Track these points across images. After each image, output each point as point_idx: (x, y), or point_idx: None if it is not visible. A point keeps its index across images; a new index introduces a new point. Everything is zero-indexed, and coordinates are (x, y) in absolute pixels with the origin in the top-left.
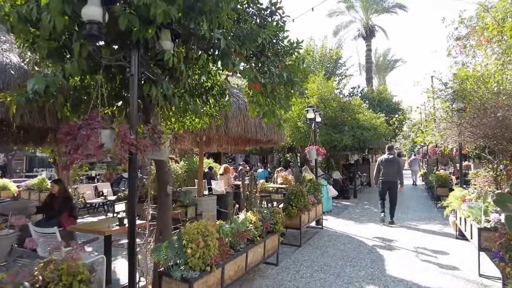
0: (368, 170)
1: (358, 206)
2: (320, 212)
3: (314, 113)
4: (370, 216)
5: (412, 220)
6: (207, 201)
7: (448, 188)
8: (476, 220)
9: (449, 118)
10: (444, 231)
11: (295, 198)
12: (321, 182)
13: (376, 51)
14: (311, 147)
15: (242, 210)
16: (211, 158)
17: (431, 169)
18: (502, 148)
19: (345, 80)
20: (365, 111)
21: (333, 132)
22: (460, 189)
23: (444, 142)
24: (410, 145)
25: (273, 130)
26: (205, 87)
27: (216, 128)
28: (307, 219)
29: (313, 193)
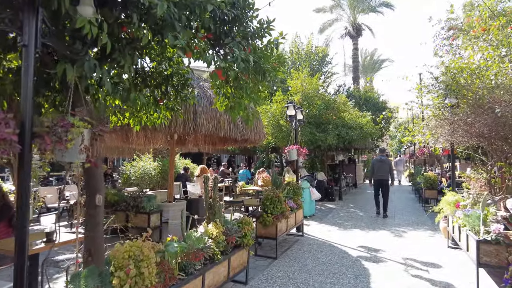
0: (354, 171)
1: (343, 209)
2: (301, 218)
3: (294, 109)
4: (355, 220)
5: (400, 225)
6: (174, 206)
7: (437, 190)
8: (474, 231)
9: (441, 115)
10: (434, 239)
11: (271, 204)
12: (303, 184)
13: (362, 51)
14: (292, 146)
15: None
16: (188, 158)
17: (419, 170)
18: (496, 148)
19: (330, 79)
20: (350, 109)
21: (317, 131)
22: (452, 194)
23: (435, 141)
24: (396, 145)
25: (250, 128)
26: (165, 76)
27: (183, 125)
28: (285, 227)
29: (293, 198)
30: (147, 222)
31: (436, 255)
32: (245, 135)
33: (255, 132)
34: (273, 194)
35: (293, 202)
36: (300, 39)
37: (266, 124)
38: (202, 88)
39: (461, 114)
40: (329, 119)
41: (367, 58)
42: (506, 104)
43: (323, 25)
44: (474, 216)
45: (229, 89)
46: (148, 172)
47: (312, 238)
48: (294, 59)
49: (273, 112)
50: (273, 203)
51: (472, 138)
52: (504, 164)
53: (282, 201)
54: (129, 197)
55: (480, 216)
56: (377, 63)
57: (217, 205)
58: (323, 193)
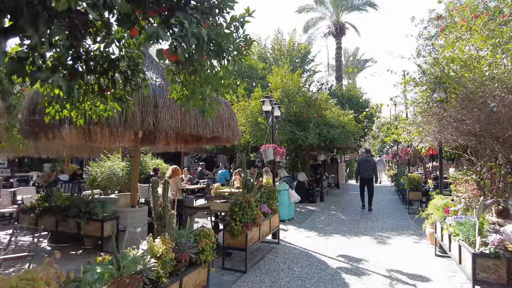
0: (336, 171)
1: (324, 212)
2: (276, 225)
3: (271, 105)
4: (336, 224)
5: (384, 230)
6: (134, 212)
7: (421, 191)
8: (468, 241)
9: (429, 110)
10: (420, 246)
11: (240, 211)
12: (281, 186)
13: (346, 51)
14: (268, 145)
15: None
16: (159, 158)
17: (402, 171)
18: (486, 147)
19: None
20: (332, 107)
21: (298, 130)
22: (440, 197)
23: (422, 140)
24: (379, 145)
25: (222, 125)
26: (112, 60)
27: (141, 120)
28: (257, 236)
29: (267, 202)
30: (100, 230)
31: (424, 265)
32: (216, 133)
33: (227, 129)
34: (242, 199)
35: (267, 207)
36: (283, 35)
37: (244, 122)
38: (165, 79)
39: (450, 110)
40: (310, 117)
41: (350, 58)
42: (501, 98)
43: (306, 23)
44: (469, 224)
45: (185, 74)
46: (115, 173)
47: (288, 246)
48: (276, 55)
49: (251, 110)
50: (243, 209)
51: (461, 136)
52: (494, 165)
53: (253, 206)
54: (81, 201)
55: (475, 224)
56: (360, 62)
57: (167, 215)
58: (304, 195)
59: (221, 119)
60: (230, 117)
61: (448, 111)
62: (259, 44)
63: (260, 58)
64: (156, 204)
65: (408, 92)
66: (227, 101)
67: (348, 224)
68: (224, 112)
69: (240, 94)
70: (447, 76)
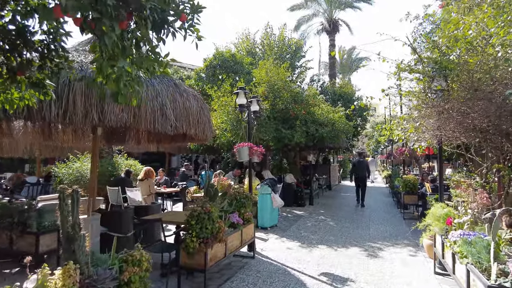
0: (328, 172)
1: (312, 217)
2: (251, 236)
3: (246, 97)
4: (323, 232)
5: (375, 239)
6: (84, 223)
7: (417, 195)
8: (480, 267)
9: (427, 100)
10: (417, 259)
11: (197, 224)
12: (263, 190)
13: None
14: (242, 144)
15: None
16: (133, 159)
17: (396, 172)
18: (495, 146)
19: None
20: (321, 103)
21: (284, 128)
22: (441, 205)
23: (418, 137)
24: (374, 145)
25: (188, 121)
26: (26, 35)
27: (84, 114)
28: (221, 252)
29: (239, 211)
30: (34, 245)
31: (422, 287)
32: (179, 129)
33: (196, 126)
34: (200, 209)
35: (238, 216)
36: (273, 30)
37: (225, 119)
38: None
39: (453, 101)
40: (297, 114)
41: (345, 56)
42: None
43: (298, 22)
44: (480, 245)
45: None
46: (84, 175)
47: (264, 262)
48: (266, 51)
49: (233, 106)
50: (201, 222)
51: (465, 133)
52: (503, 167)
53: (214, 218)
54: (15, 209)
55: (489, 245)
56: (355, 61)
57: (78, 236)
58: (292, 198)
59: (187, 113)
60: (200, 111)
61: (450, 103)
62: (248, 39)
63: (249, 54)
64: (65, 222)
65: (403, 81)
66: (196, 93)
67: (337, 231)
68: (192, 106)
69: (226, 90)
70: (449, 60)
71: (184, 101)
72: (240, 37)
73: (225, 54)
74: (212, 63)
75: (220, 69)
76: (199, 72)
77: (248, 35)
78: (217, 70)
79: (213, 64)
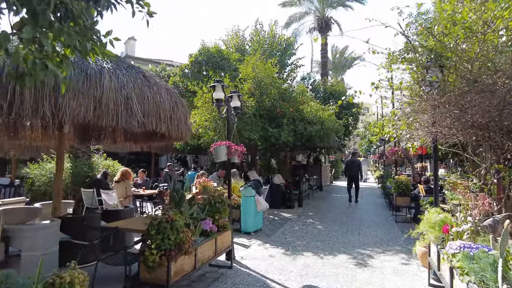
0: (319, 172)
1: (300, 220)
2: (227, 245)
3: (223, 91)
4: (310, 237)
5: (365, 245)
6: (38, 230)
7: (410, 196)
8: (484, 287)
9: (421, 93)
10: (410, 268)
11: (158, 235)
12: (247, 192)
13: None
14: (220, 143)
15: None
16: (110, 159)
17: (388, 172)
18: (495, 144)
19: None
20: (310, 100)
21: (270, 126)
22: (436, 211)
23: (412, 134)
24: (366, 145)
25: (159, 117)
26: None
27: (34, 107)
28: (190, 265)
29: (213, 217)
30: None
31: None
32: (148, 126)
33: (169, 123)
34: (162, 217)
35: (212, 223)
36: (263, 26)
37: (209, 117)
38: (77, 56)
39: (450, 94)
40: (284, 112)
41: (338, 56)
42: None
43: (289, 19)
44: (486, 262)
45: None
46: None
47: (243, 272)
48: (255, 48)
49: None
50: (162, 231)
51: (463, 130)
52: (503, 167)
53: (179, 227)
54: None
55: (497, 263)
56: (348, 61)
57: None
58: (280, 199)
59: (157, 108)
60: (174, 107)
61: (446, 96)
62: (237, 36)
63: (238, 51)
64: None
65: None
66: (169, 86)
67: (325, 236)
68: (164, 100)
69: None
70: (445, 47)
71: (154, 95)
72: (230, 34)
73: (211, 49)
74: (198, 58)
75: (206, 65)
76: (184, 68)
77: (237, 32)
78: (203, 66)
79: (199, 60)
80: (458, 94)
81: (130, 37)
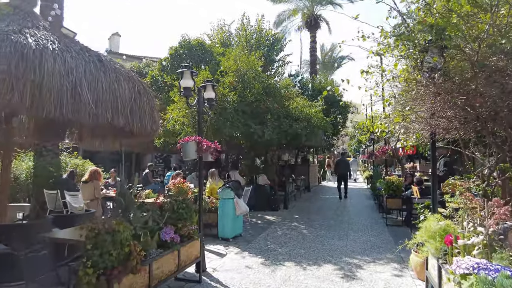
0: (307, 173)
1: (285, 224)
2: (195, 256)
3: (192, 78)
4: (294, 244)
5: (353, 253)
6: None
7: (401, 198)
8: None
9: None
10: (403, 281)
11: (95, 249)
12: (225, 194)
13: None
14: (189, 138)
15: None
16: (83, 158)
17: (377, 173)
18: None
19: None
20: (295, 96)
21: (253, 123)
22: (436, 217)
23: (406, 130)
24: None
25: (117, 109)
26: None
27: None
28: (141, 283)
29: (175, 224)
30: None
31: None
32: (102, 118)
33: (126, 115)
34: (101, 227)
35: (174, 232)
36: (250, 21)
37: (186, 112)
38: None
39: (454, 80)
40: (268, 107)
41: (327, 55)
42: None
43: (278, 17)
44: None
45: None
46: (17, 177)
47: (213, 287)
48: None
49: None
50: (101, 245)
51: (466, 124)
52: (509, 167)
53: (123, 239)
54: None
55: None
56: (337, 60)
57: None
58: (265, 201)
59: (114, 98)
60: (137, 98)
61: (448, 83)
62: (223, 30)
63: (224, 46)
64: None
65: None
66: (135, 75)
67: (310, 242)
68: (123, 90)
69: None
70: (448, 23)
71: (111, 83)
72: (215, 28)
73: (193, 42)
74: (178, 51)
75: (186, 58)
76: (163, 61)
77: (223, 26)
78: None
79: (179, 53)
80: (462, 80)
81: (114, 33)
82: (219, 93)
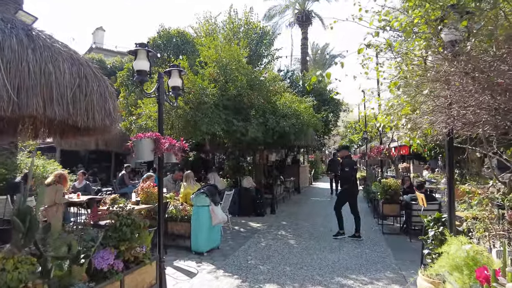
0: (297, 174)
1: (270, 232)
2: (148, 283)
3: (148, 59)
4: (278, 259)
5: (347, 271)
6: None
7: (399, 203)
8: None
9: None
10: None
11: None
12: (199, 200)
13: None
14: (143, 134)
15: None
16: (44, 157)
17: (372, 175)
18: None
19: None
20: (282, 90)
21: (236, 119)
22: (460, 240)
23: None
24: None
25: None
26: None
27: None
28: None
29: (118, 247)
30: None
31: None
32: (29, 108)
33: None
34: None
35: (116, 257)
36: (237, 14)
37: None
38: None
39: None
40: (253, 102)
41: (318, 52)
42: None
43: (268, 11)
44: None
45: None
46: None
47: None
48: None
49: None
50: None
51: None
52: None
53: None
54: None
55: None
56: (329, 58)
57: None
58: (250, 206)
59: (48, 84)
60: (82, 84)
61: (477, 59)
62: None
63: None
64: None
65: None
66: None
67: (297, 256)
68: (62, 73)
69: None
70: None
71: (45, 65)
72: (201, 21)
73: (172, 31)
74: (156, 42)
75: (165, 49)
76: None
77: (209, 19)
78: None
79: (157, 44)
80: (494, 56)
81: (98, 27)
82: (197, 85)
